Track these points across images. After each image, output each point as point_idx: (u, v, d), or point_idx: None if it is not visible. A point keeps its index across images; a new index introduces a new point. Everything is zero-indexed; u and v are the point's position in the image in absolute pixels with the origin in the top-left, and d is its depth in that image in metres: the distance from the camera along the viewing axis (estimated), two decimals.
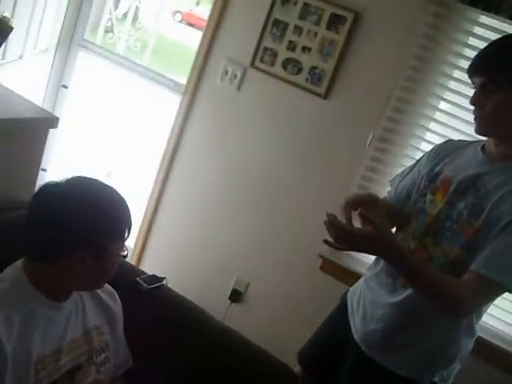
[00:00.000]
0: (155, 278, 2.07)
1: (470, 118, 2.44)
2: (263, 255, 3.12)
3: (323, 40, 2.83)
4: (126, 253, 1.49)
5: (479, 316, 1.79)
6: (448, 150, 1.88)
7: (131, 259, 3.41)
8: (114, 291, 1.68)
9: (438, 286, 1.62)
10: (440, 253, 1.72)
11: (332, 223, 1.60)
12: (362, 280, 2.04)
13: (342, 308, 2.05)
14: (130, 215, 1.46)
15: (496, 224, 1.61)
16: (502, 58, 1.62)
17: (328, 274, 2.92)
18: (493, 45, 1.68)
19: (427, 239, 1.76)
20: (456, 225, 1.70)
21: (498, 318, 2.65)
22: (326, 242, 1.68)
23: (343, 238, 1.62)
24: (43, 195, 1.40)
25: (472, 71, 1.66)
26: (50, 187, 1.41)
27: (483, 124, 1.68)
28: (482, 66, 1.64)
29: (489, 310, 2.50)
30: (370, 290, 1.92)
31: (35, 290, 1.39)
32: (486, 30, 2.56)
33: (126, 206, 1.46)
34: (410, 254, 1.73)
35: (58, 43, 3.68)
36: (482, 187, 1.68)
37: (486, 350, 2.55)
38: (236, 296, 3.19)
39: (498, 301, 2.44)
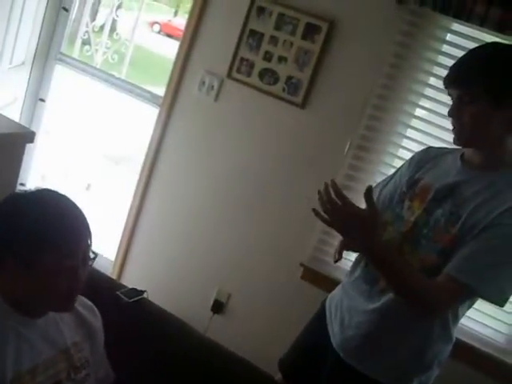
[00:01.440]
0: (136, 292, 2.06)
1: (447, 124, 2.48)
2: (244, 266, 3.12)
3: (299, 50, 2.85)
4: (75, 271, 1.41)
5: (456, 321, 1.80)
6: (428, 157, 1.89)
7: (112, 273, 3.40)
8: (94, 306, 1.67)
9: (411, 284, 1.63)
10: (416, 260, 1.72)
11: (327, 191, 1.54)
12: (339, 287, 2.04)
13: (321, 315, 2.04)
14: (75, 232, 1.40)
15: (471, 231, 1.63)
16: (475, 71, 1.62)
17: (309, 282, 2.92)
18: (466, 57, 1.68)
19: (404, 246, 1.76)
20: (433, 232, 1.71)
21: (480, 322, 2.67)
22: (314, 210, 1.57)
23: (335, 208, 1.55)
24: (2, 202, 1.42)
25: (447, 83, 1.68)
26: (12, 195, 1.44)
27: (461, 135, 1.69)
28: (456, 79, 1.65)
29: (471, 314, 2.56)
30: (347, 296, 1.93)
31: (8, 306, 1.38)
32: (458, 37, 2.60)
33: (72, 221, 1.40)
34: (390, 248, 1.73)
35: (34, 57, 3.66)
36: (460, 195, 1.69)
37: (468, 354, 2.58)
38: (218, 307, 3.19)
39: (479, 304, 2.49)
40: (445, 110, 1.78)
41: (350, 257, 1.97)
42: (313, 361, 2.03)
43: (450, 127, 1.73)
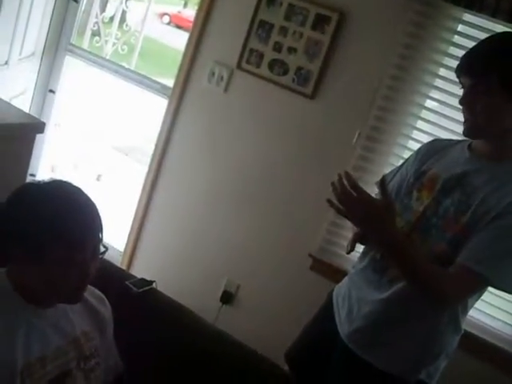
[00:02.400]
0: (145, 282, 2.07)
1: (457, 116, 2.49)
2: (253, 256, 3.13)
3: (309, 40, 2.84)
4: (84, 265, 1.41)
5: (464, 312, 1.80)
6: (435, 148, 1.88)
7: (121, 263, 3.41)
8: (104, 296, 1.67)
9: (425, 273, 1.63)
10: (426, 248, 1.72)
11: (341, 182, 1.56)
12: (346, 278, 2.04)
13: (328, 306, 2.04)
14: (86, 226, 1.39)
15: (482, 219, 1.63)
16: (491, 59, 1.60)
17: (318, 273, 2.92)
18: (481, 45, 1.67)
19: (414, 236, 1.76)
20: (442, 221, 1.71)
21: (488, 314, 2.67)
22: (329, 201, 1.60)
23: (351, 199, 1.56)
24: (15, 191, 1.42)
25: (460, 72, 1.66)
26: (25, 185, 1.44)
27: (472, 126, 1.68)
28: (470, 68, 1.64)
29: (480, 306, 2.55)
30: (355, 287, 1.92)
31: (18, 296, 1.39)
32: (470, 27, 2.58)
33: (84, 215, 1.39)
34: (406, 239, 1.72)
35: (44, 48, 3.67)
36: (469, 184, 1.69)
37: (477, 346, 2.58)
38: (227, 298, 3.19)
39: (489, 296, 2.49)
40: (455, 102, 1.77)
41: (360, 248, 1.97)
42: (319, 352, 2.03)
43: (461, 119, 1.73)
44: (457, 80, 1.70)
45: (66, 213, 1.37)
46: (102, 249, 1.45)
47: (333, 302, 2.03)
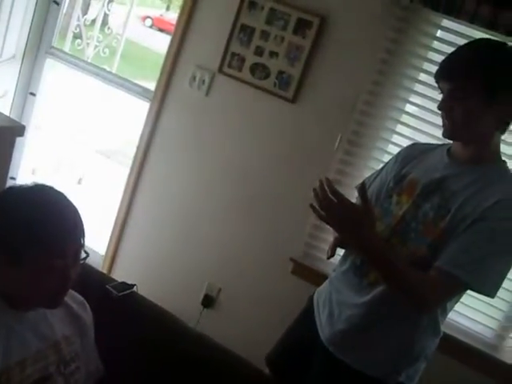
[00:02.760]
0: (125, 285, 2.06)
1: (437, 120, 2.50)
2: (235, 260, 3.13)
3: (290, 45, 2.86)
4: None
5: (444, 314, 1.82)
6: (415, 152, 1.90)
7: (102, 267, 3.40)
8: (84, 300, 1.67)
9: (405, 278, 1.64)
10: (406, 252, 1.74)
11: (323, 188, 1.58)
12: (327, 281, 2.05)
13: (308, 310, 2.05)
14: (68, 232, 1.38)
15: (461, 223, 1.64)
16: (471, 65, 1.61)
17: (299, 277, 2.93)
18: (460, 50, 1.69)
19: (393, 239, 1.77)
20: (421, 225, 1.73)
21: (469, 317, 2.70)
22: (312, 206, 1.61)
23: (332, 205, 1.58)
24: None
25: (440, 77, 1.68)
26: (8, 189, 1.43)
27: (451, 129, 1.70)
28: (449, 73, 1.65)
29: (461, 309, 2.58)
30: (336, 290, 1.93)
31: None
32: (449, 33, 2.61)
33: (66, 220, 1.38)
34: (385, 244, 1.74)
35: (24, 50, 3.65)
36: (448, 189, 1.71)
37: (457, 349, 2.61)
38: (208, 301, 3.19)
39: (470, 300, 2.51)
40: (435, 107, 1.79)
41: (340, 252, 1.98)
42: (300, 356, 2.03)
43: (440, 123, 1.74)
44: (436, 85, 1.72)
45: (47, 218, 1.36)
46: (84, 254, 1.45)
47: (313, 306, 2.03)
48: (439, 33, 2.66)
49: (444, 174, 1.74)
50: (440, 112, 1.72)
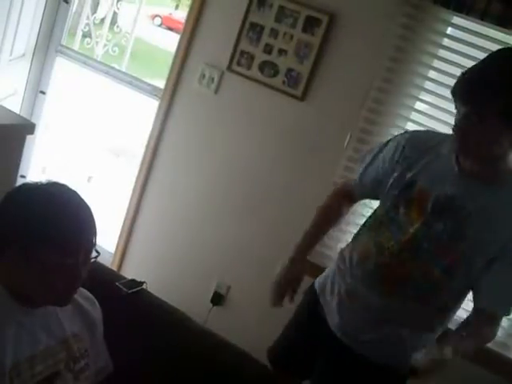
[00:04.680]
0: (135, 283, 2.06)
1: (447, 118, 2.51)
2: (244, 258, 3.13)
3: (299, 42, 2.85)
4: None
5: (454, 315, 1.85)
6: (419, 150, 1.79)
7: (112, 264, 3.41)
8: (94, 297, 1.67)
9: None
10: (419, 273, 1.73)
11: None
12: (332, 271, 2.03)
13: (310, 302, 2.08)
14: (80, 230, 1.39)
15: (482, 250, 1.66)
16: (493, 93, 1.50)
17: (308, 274, 2.92)
18: (479, 73, 1.55)
19: (403, 255, 1.76)
20: (434, 247, 1.71)
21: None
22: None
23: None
24: (11, 191, 1.43)
25: (457, 97, 1.58)
26: (22, 186, 1.44)
27: (465, 149, 1.64)
28: (469, 98, 1.55)
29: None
30: (346, 283, 1.91)
31: (8, 296, 1.38)
32: (459, 30, 2.60)
33: (78, 219, 1.39)
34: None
35: (34, 49, 3.66)
36: (461, 209, 1.67)
37: None
38: (218, 299, 3.20)
39: None
40: (445, 104, 1.77)
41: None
42: (304, 350, 2.06)
43: (450, 121, 1.72)
44: (446, 83, 1.70)
45: (60, 216, 1.36)
46: (95, 253, 1.45)
47: (316, 298, 2.05)
48: (449, 30, 2.64)
49: (456, 192, 1.68)
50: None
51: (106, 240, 3.52)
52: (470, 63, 2.43)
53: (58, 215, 1.36)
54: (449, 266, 1.69)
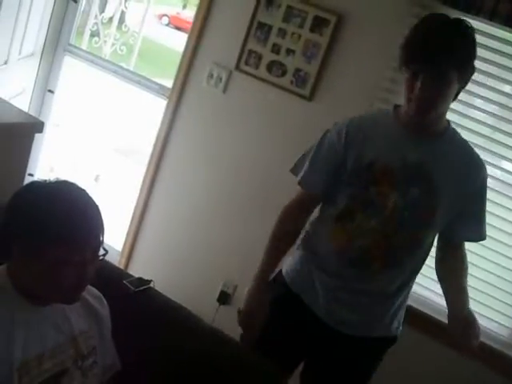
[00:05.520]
0: (142, 281, 2.07)
1: (454, 118, 2.50)
2: (251, 257, 3.10)
3: (307, 42, 2.85)
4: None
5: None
6: (362, 130, 1.90)
7: (119, 263, 3.41)
8: (101, 295, 1.68)
9: None
10: (404, 237, 1.84)
11: None
12: (295, 263, 2.08)
13: (280, 295, 2.08)
14: (89, 229, 1.39)
15: (456, 198, 1.83)
16: (455, 56, 1.68)
17: None
18: (435, 38, 1.69)
19: (388, 229, 1.84)
20: (415, 212, 1.82)
21: (484, 316, 2.68)
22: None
23: None
24: (21, 189, 1.44)
25: (419, 63, 1.70)
26: (31, 184, 1.44)
27: (425, 110, 1.75)
28: (433, 61, 1.68)
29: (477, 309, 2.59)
30: (323, 273, 1.96)
31: (17, 293, 1.39)
32: None
33: (87, 218, 1.40)
34: None
35: (43, 48, 3.67)
36: (428, 168, 1.80)
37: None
38: (224, 298, 3.20)
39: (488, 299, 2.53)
40: (452, 104, 1.83)
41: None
42: (288, 345, 2.08)
43: (458, 113, 1.81)
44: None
45: (68, 214, 1.37)
46: (102, 251, 1.46)
47: (288, 292, 2.07)
48: None
49: (417, 154, 1.79)
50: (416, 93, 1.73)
51: (114, 238, 3.53)
52: (478, 64, 2.43)
53: (66, 213, 1.37)
54: (428, 221, 1.84)
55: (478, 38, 2.50)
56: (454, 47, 1.68)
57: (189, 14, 10.93)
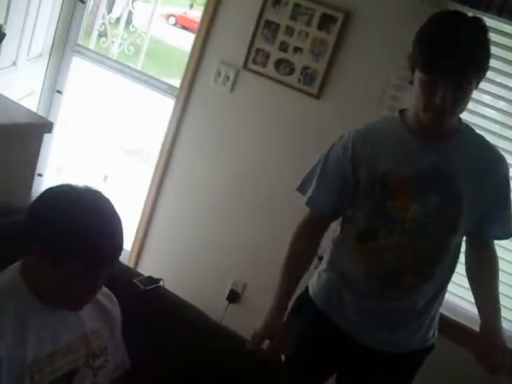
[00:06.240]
0: (152, 280, 2.08)
1: (462, 115, 2.49)
2: (260, 256, 3.13)
3: (315, 40, 2.85)
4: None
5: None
6: (369, 141, 1.82)
7: (129, 262, 3.42)
8: (112, 294, 1.69)
9: None
10: (434, 249, 1.78)
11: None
12: (324, 283, 2.01)
13: (312, 316, 2.02)
14: (118, 247, 1.41)
15: (480, 198, 1.75)
16: (481, 62, 1.62)
17: None
18: (458, 46, 1.58)
19: (414, 241, 1.78)
20: (438, 218, 1.75)
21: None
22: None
23: None
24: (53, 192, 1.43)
25: (443, 73, 1.59)
26: (66, 189, 1.42)
27: (445, 118, 1.69)
28: (459, 71, 1.59)
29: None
30: (354, 293, 1.90)
31: (30, 292, 1.40)
32: None
33: (117, 236, 1.41)
34: None
35: (51, 49, 3.69)
36: (446, 172, 1.73)
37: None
38: (234, 297, 3.20)
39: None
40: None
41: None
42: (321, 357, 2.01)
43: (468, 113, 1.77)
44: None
45: (97, 232, 1.36)
46: None
47: (314, 307, 2.01)
48: None
49: (432, 160, 1.72)
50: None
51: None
52: None
53: (101, 228, 1.37)
54: (452, 225, 1.76)
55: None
56: (478, 54, 1.61)
57: (196, 14, 10.92)
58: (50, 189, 1.43)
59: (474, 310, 2.64)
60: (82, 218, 1.36)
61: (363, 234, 1.84)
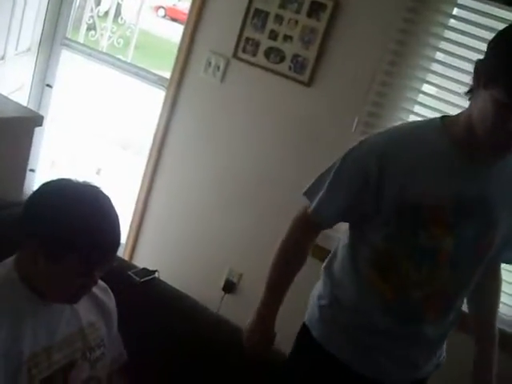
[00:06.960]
0: (147, 272, 2.08)
1: (454, 99, 2.50)
2: (256, 245, 3.13)
3: (304, 28, 2.84)
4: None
5: None
6: (405, 155, 1.53)
7: (124, 255, 3.42)
8: (107, 287, 1.68)
9: None
10: (462, 282, 1.63)
11: None
12: (326, 322, 1.80)
13: (316, 359, 1.79)
14: (116, 247, 1.41)
15: (510, 229, 1.60)
16: None
17: (320, 260, 2.92)
18: None
19: (442, 275, 1.59)
20: (470, 250, 1.57)
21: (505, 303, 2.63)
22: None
23: None
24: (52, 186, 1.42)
25: None
26: (65, 183, 1.42)
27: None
28: None
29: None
30: (369, 334, 1.67)
31: (25, 286, 1.39)
32: (465, 11, 2.58)
33: (116, 236, 1.40)
34: None
35: (40, 42, 3.66)
36: (485, 201, 1.53)
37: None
38: (230, 287, 3.21)
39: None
40: (453, 86, 1.69)
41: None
42: None
43: (458, 102, 1.65)
44: (453, 64, 1.62)
45: (95, 229, 1.36)
46: None
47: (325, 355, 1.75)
48: (455, 10, 2.63)
49: (476, 189, 1.51)
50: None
51: None
52: (477, 44, 2.43)
53: (94, 227, 1.36)
54: (484, 256, 1.60)
55: (476, 18, 2.53)
56: None
57: (185, 6, 10.86)
58: (47, 183, 1.43)
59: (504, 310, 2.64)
60: (80, 213, 1.35)
61: (381, 263, 1.61)
